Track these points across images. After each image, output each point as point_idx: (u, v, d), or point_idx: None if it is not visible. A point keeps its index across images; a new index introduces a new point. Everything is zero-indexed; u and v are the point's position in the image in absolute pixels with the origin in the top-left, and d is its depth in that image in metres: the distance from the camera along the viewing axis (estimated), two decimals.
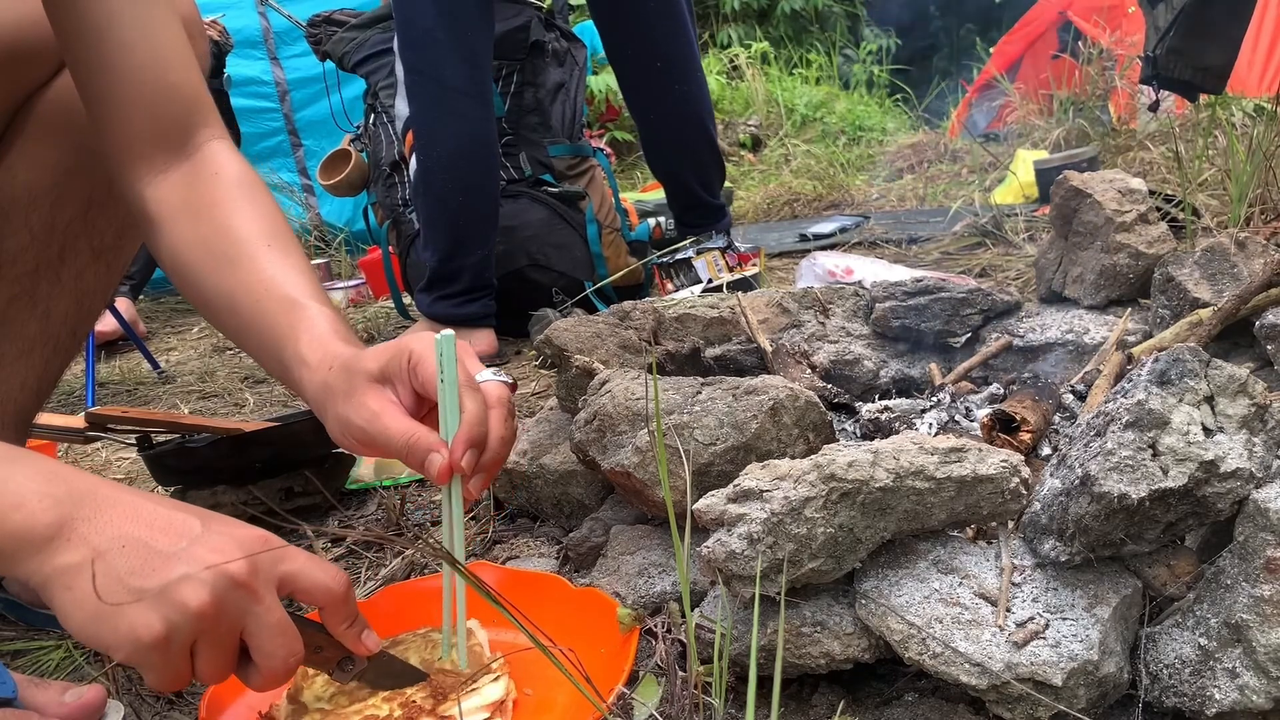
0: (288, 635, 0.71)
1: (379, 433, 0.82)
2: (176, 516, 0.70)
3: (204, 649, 0.68)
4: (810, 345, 1.41)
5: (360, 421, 0.82)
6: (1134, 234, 1.35)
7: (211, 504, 1.35)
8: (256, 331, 0.94)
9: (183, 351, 3.06)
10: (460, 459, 0.82)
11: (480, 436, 0.83)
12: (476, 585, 0.76)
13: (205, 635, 0.67)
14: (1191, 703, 0.74)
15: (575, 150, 2.71)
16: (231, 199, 0.99)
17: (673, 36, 2.58)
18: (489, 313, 2.40)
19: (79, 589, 0.65)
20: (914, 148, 5.34)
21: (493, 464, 0.85)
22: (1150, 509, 0.75)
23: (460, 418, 0.83)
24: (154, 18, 0.99)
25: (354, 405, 0.83)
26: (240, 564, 0.68)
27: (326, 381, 0.85)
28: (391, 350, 0.85)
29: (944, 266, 2.57)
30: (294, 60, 4.68)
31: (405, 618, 1.01)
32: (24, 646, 1.07)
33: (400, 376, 0.85)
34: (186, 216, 0.98)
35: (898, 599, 0.81)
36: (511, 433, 0.87)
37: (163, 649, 0.66)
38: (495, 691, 0.86)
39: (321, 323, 0.90)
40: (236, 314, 0.95)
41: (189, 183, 0.99)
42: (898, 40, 9.44)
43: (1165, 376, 0.78)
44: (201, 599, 0.66)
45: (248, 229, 0.97)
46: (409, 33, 2.34)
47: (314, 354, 0.87)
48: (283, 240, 0.98)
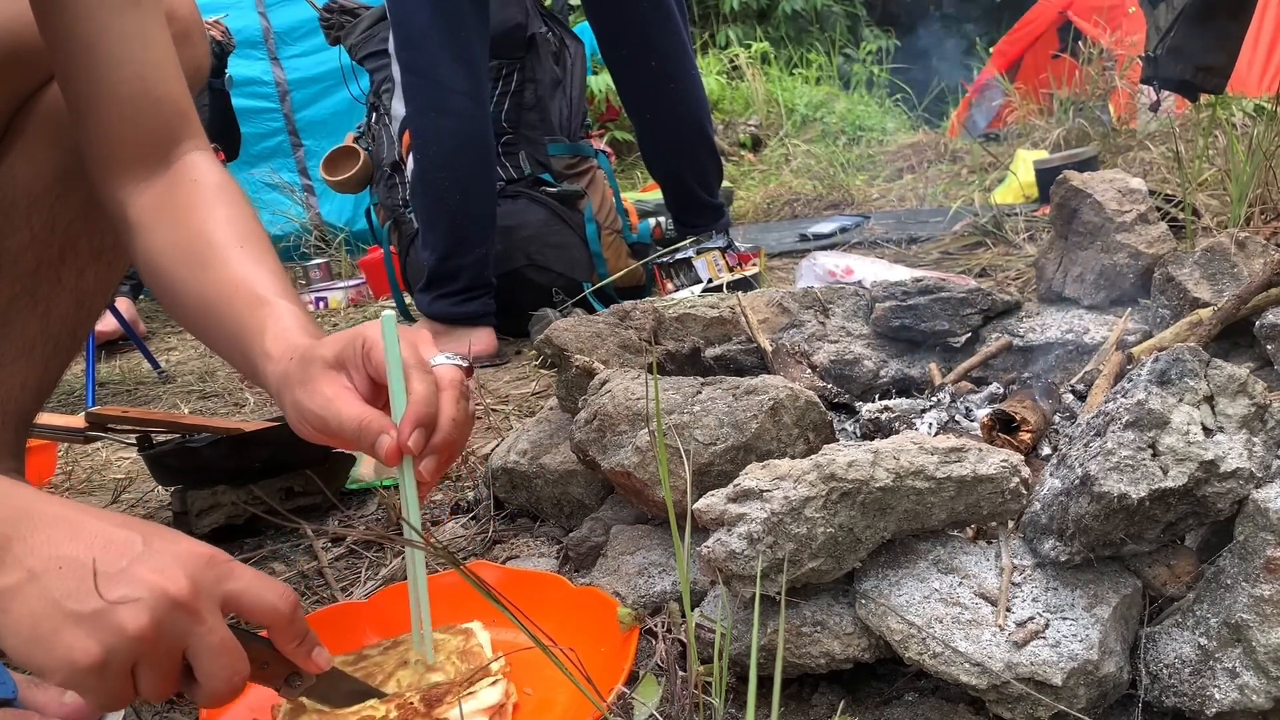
0: (231, 655, 0.70)
1: (332, 417, 0.82)
2: (118, 534, 0.68)
3: (144, 671, 0.67)
4: (810, 345, 1.41)
5: (314, 407, 0.83)
6: (1134, 234, 1.35)
7: (211, 504, 1.36)
8: (225, 330, 0.94)
9: (183, 351, 3.06)
10: (407, 439, 0.81)
11: (428, 416, 0.82)
12: (476, 584, 0.76)
13: (145, 657, 0.66)
14: (1191, 702, 0.74)
15: (575, 150, 2.71)
16: (207, 204, 1.00)
17: (667, 36, 2.58)
18: (488, 311, 2.41)
19: (14, 612, 0.64)
20: (914, 148, 5.35)
21: (445, 446, 0.84)
22: (1150, 509, 0.75)
23: (408, 399, 0.82)
24: (141, 30, 0.99)
25: (309, 392, 0.83)
26: (182, 584, 0.66)
27: (286, 371, 0.86)
28: (347, 337, 0.85)
29: (944, 266, 2.57)
30: (294, 60, 4.68)
31: (407, 617, 1.01)
32: None
33: (355, 362, 0.85)
34: (163, 222, 0.99)
35: (898, 599, 0.81)
36: (464, 415, 0.85)
37: (100, 673, 0.64)
38: (492, 696, 0.86)
39: (287, 318, 0.91)
40: (207, 314, 0.96)
41: (168, 190, 1.00)
42: (897, 41, 9.44)
43: (1165, 376, 0.78)
44: (140, 622, 0.64)
45: (221, 232, 0.98)
46: (404, 32, 2.34)
47: (277, 347, 0.88)
48: (255, 243, 0.98)
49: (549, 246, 2.58)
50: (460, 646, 0.95)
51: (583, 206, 2.63)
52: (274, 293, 0.94)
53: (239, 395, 2.36)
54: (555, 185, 2.62)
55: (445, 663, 0.92)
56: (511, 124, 2.64)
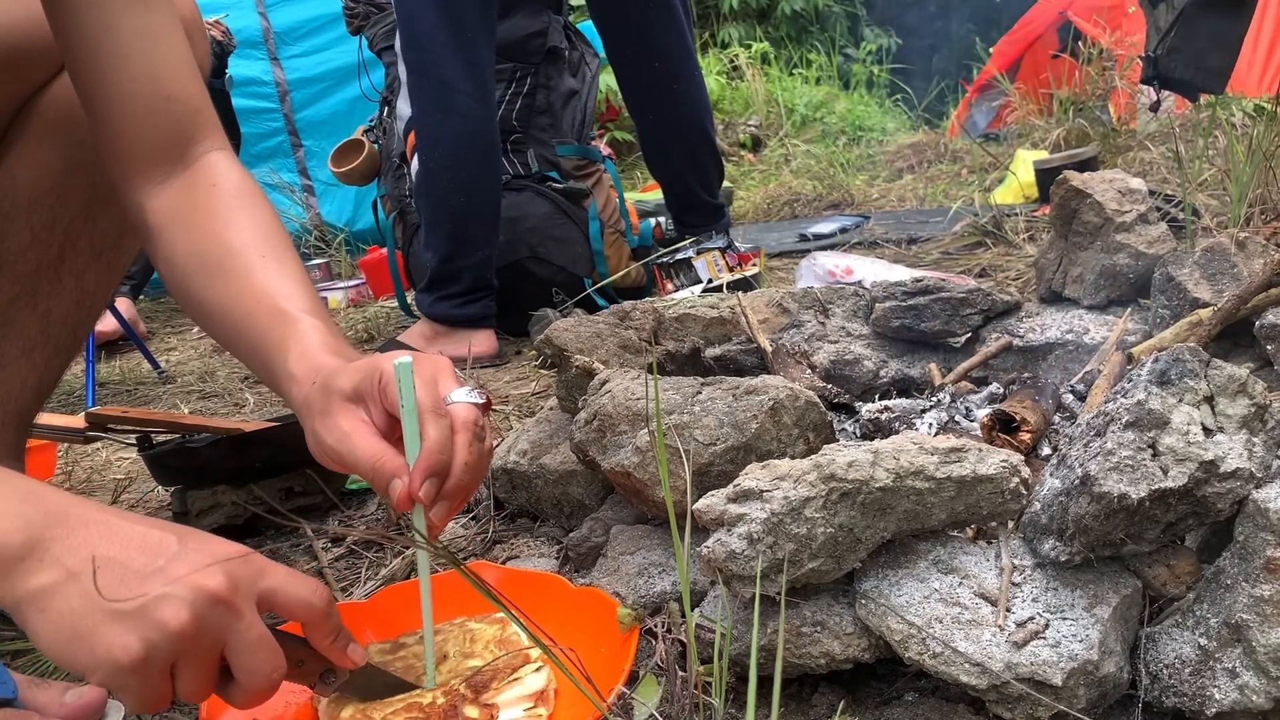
0: (270, 651, 0.70)
1: (347, 453, 0.82)
2: (153, 534, 0.69)
3: (184, 669, 0.67)
4: (810, 345, 1.41)
5: (331, 441, 0.82)
6: (1134, 234, 1.35)
7: (211, 504, 1.35)
8: (248, 343, 0.94)
9: (183, 351, 3.07)
10: (418, 489, 0.80)
11: (440, 465, 0.81)
12: (477, 585, 0.76)
13: (185, 655, 0.66)
14: (1191, 703, 0.74)
15: (583, 152, 2.71)
16: (227, 209, 0.99)
17: (670, 36, 2.59)
18: (489, 313, 2.40)
19: (53, 611, 0.64)
20: (914, 148, 5.35)
21: (457, 491, 0.83)
22: (1150, 509, 0.75)
23: (421, 445, 0.81)
24: (153, 27, 0.98)
25: (328, 425, 0.83)
26: (220, 580, 0.67)
27: (307, 398, 0.85)
28: (364, 369, 0.84)
29: (944, 266, 2.57)
30: (294, 61, 4.68)
31: (407, 618, 1.01)
32: (24, 646, 1.07)
33: (372, 396, 0.84)
34: (182, 227, 0.98)
35: (898, 599, 0.81)
36: (478, 457, 0.84)
37: (141, 670, 0.64)
38: (538, 681, 0.87)
39: (311, 336, 0.90)
40: (229, 324, 0.96)
41: (186, 193, 0.99)
42: (898, 40, 9.44)
43: (1165, 376, 0.78)
44: (181, 618, 0.65)
45: (242, 240, 0.97)
46: (409, 31, 2.34)
47: (300, 368, 0.88)
48: (278, 251, 0.97)
49: (552, 239, 2.58)
50: (497, 635, 0.96)
51: (588, 205, 2.63)
52: (297, 306, 0.93)
53: (239, 395, 2.37)
54: (562, 182, 2.62)
55: (483, 651, 0.93)
56: (521, 123, 2.64)
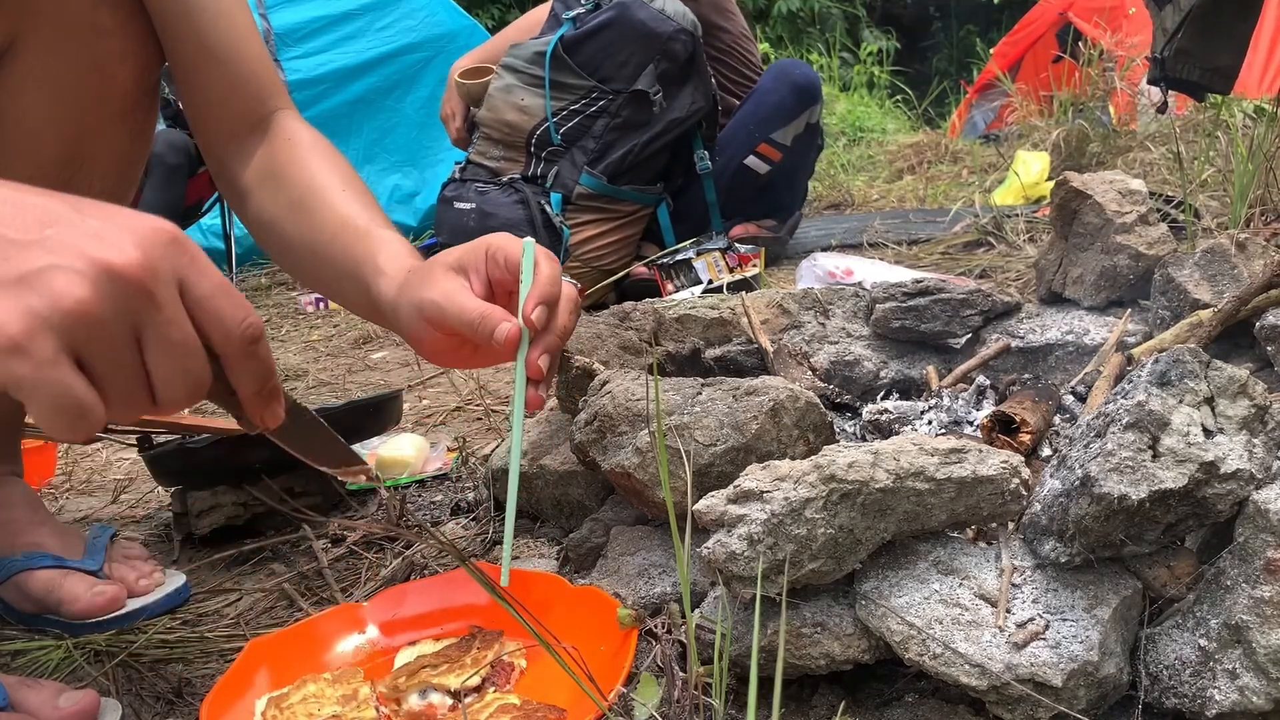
0: (193, 359, 0.57)
1: (453, 307, 0.86)
2: (36, 200, 0.55)
3: (97, 363, 0.54)
4: (810, 346, 1.41)
5: (437, 296, 0.87)
6: (1134, 235, 1.35)
7: (212, 504, 1.35)
8: (335, 265, 1.00)
9: None
10: (531, 312, 0.86)
11: (552, 296, 0.88)
12: (482, 580, 0.76)
13: (92, 344, 0.53)
14: (1191, 704, 0.74)
15: (605, 190, 2.68)
16: (305, 155, 1.07)
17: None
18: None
19: None
20: (914, 148, 5.35)
21: (555, 346, 0.89)
22: (1150, 510, 0.75)
23: (534, 278, 0.88)
24: (225, 6, 1.07)
25: (430, 285, 0.88)
26: (133, 257, 0.53)
27: (405, 281, 0.91)
28: (468, 247, 0.91)
29: (944, 267, 2.57)
30: (294, 62, 4.68)
31: (405, 618, 1.01)
32: (23, 646, 1.07)
33: (476, 266, 0.90)
34: (270, 181, 1.07)
35: (898, 600, 0.81)
36: (572, 325, 0.92)
37: (32, 355, 0.50)
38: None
39: (397, 244, 0.97)
40: (316, 253, 1.02)
41: (268, 152, 1.08)
42: (897, 44, 9.45)
43: (1165, 377, 0.78)
44: (76, 293, 0.51)
45: (322, 179, 1.05)
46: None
47: (391, 266, 0.94)
48: (356, 187, 1.06)
49: None
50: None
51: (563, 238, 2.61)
52: (380, 225, 1.00)
53: None
54: (557, 213, 2.60)
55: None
56: (568, 138, 2.63)
